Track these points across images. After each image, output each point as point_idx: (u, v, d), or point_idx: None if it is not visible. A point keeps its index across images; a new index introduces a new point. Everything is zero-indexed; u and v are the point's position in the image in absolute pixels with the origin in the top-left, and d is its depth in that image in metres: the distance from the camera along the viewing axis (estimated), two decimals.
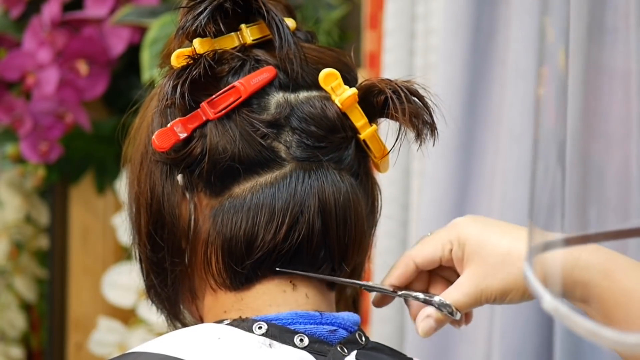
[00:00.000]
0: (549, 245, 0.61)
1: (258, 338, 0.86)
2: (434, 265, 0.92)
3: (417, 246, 0.93)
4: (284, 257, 0.89)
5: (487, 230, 0.91)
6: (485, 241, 0.89)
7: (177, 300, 0.96)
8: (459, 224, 0.92)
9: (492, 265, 0.89)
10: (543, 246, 0.61)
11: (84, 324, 1.99)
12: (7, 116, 1.88)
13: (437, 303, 0.90)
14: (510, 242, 0.89)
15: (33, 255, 2.14)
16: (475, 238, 0.90)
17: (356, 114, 0.92)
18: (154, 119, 0.93)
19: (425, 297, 0.91)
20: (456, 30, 1.38)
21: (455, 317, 0.90)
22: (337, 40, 1.73)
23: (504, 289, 0.89)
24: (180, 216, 0.91)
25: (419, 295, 0.92)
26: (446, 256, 0.91)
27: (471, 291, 0.89)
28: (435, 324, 0.90)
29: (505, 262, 0.88)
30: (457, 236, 0.90)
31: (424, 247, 0.92)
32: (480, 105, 1.39)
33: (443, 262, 0.92)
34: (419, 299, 0.92)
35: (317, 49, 0.95)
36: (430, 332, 0.91)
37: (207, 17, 0.89)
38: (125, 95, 1.89)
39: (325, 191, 0.89)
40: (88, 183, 2.01)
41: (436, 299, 0.90)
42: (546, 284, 0.60)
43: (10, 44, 1.93)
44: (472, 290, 0.89)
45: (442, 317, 0.90)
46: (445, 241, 0.91)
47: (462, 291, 0.90)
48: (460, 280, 0.90)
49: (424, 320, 0.91)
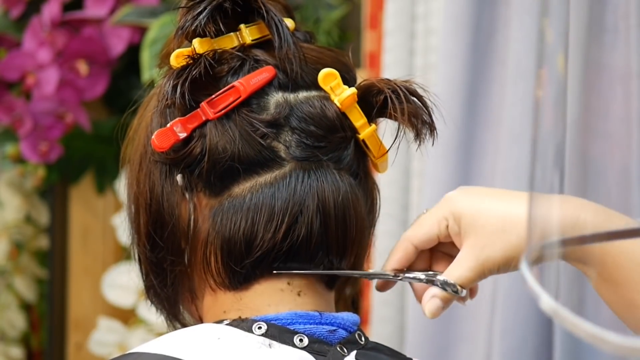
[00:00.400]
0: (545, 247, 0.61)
1: (258, 338, 0.86)
2: (432, 243, 0.91)
3: (413, 227, 0.92)
4: (283, 257, 0.89)
5: (480, 200, 0.89)
6: (479, 212, 0.88)
7: (176, 300, 0.96)
8: (452, 198, 0.90)
9: (489, 235, 0.87)
10: (540, 248, 0.61)
11: (84, 324, 1.99)
12: (7, 116, 1.88)
13: (440, 282, 0.89)
14: (505, 208, 0.88)
15: (33, 255, 2.14)
16: (469, 210, 0.88)
17: (355, 113, 0.92)
18: (153, 119, 0.93)
19: (428, 278, 0.90)
20: (456, 30, 1.38)
21: (461, 294, 0.89)
22: (337, 40, 1.73)
23: (506, 257, 0.87)
24: (179, 216, 0.91)
25: (421, 276, 0.91)
26: (443, 233, 0.90)
27: (472, 265, 0.88)
28: (441, 303, 0.89)
29: (502, 229, 0.87)
30: (451, 211, 0.89)
31: (419, 227, 0.91)
32: (480, 105, 1.39)
33: (441, 239, 0.91)
34: (422, 280, 0.91)
35: (316, 49, 0.95)
36: (438, 312, 0.90)
37: (206, 17, 0.89)
38: (125, 95, 1.89)
39: (324, 191, 0.89)
40: (88, 183, 2.01)
41: (439, 278, 0.89)
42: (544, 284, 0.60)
43: (10, 44, 1.93)
44: (474, 264, 0.88)
45: (447, 296, 0.89)
46: (440, 218, 0.90)
47: (463, 266, 0.88)
48: (460, 255, 0.89)
49: (430, 301, 0.89)
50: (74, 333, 2.03)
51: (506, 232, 0.87)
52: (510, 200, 0.89)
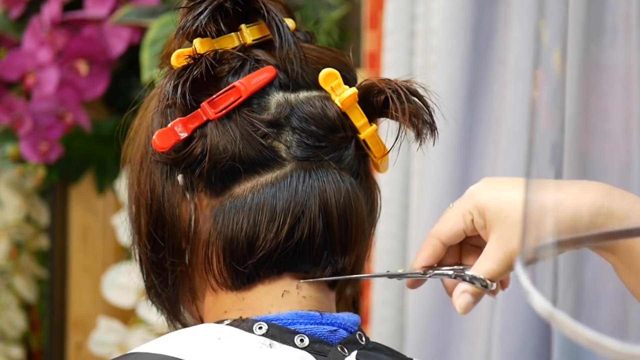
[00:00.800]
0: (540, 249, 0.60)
1: (258, 338, 0.86)
2: (460, 238, 0.91)
3: (439, 223, 0.92)
4: (286, 257, 0.89)
5: (503, 191, 0.89)
6: (502, 203, 0.87)
7: (177, 300, 0.96)
8: (475, 191, 0.90)
9: (514, 226, 0.86)
10: (535, 250, 0.60)
11: (84, 324, 1.99)
12: (7, 116, 1.88)
13: (469, 277, 0.88)
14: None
15: (33, 255, 2.14)
16: (492, 202, 0.88)
17: (356, 113, 0.92)
18: (154, 119, 0.93)
19: (456, 273, 0.90)
20: (456, 30, 1.38)
21: (491, 288, 0.88)
22: (337, 40, 1.73)
23: None
24: (180, 216, 0.91)
25: (449, 272, 0.90)
26: (469, 227, 0.90)
27: (500, 257, 0.87)
28: (472, 298, 0.88)
29: None
30: (475, 204, 0.89)
31: (445, 223, 0.91)
32: (480, 105, 1.39)
33: (468, 233, 0.90)
34: (450, 276, 0.90)
35: (317, 49, 0.95)
36: (470, 308, 0.89)
37: (207, 17, 0.89)
38: (125, 95, 1.89)
39: (326, 191, 0.89)
40: (88, 183, 2.01)
41: (468, 273, 0.88)
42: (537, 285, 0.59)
43: (10, 44, 1.93)
44: (501, 256, 0.87)
45: (478, 291, 0.88)
46: (465, 212, 0.90)
47: (491, 259, 0.87)
48: (487, 248, 0.88)
49: (461, 297, 0.89)
50: (74, 333, 2.03)
51: None
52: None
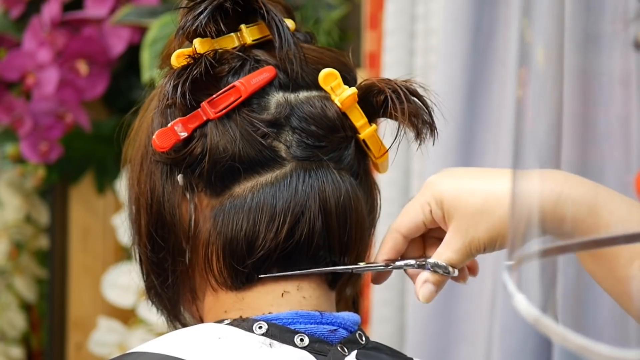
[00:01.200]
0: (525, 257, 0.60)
1: (258, 338, 0.86)
2: (420, 230, 0.92)
3: (399, 216, 0.92)
4: (285, 257, 0.89)
5: (460, 181, 0.89)
6: (460, 193, 0.88)
7: (177, 301, 0.96)
8: (432, 182, 0.91)
9: (472, 216, 0.87)
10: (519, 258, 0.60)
11: (84, 324, 1.99)
12: (7, 116, 1.88)
13: (431, 265, 0.89)
14: (486, 187, 0.88)
15: (33, 255, 2.14)
16: (449, 193, 0.89)
17: (356, 113, 0.92)
18: (154, 119, 0.93)
19: (419, 263, 0.91)
20: (456, 30, 1.38)
21: (453, 275, 0.89)
22: (337, 40, 1.73)
23: (490, 238, 0.88)
24: (180, 216, 0.91)
25: (411, 262, 0.91)
26: (428, 218, 0.90)
27: (459, 247, 0.88)
28: (434, 287, 0.90)
29: (484, 210, 0.87)
30: (433, 195, 0.89)
31: (404, 216, 0.92)
32: (480, 105, 1.39)
33: (427, 225, 0.91)
34: (413, 266, 0.91)
35: (317, 49, 0.95)
36: (431, 297, 0.90)
37: (207, 17, 0.89)
38: (125, 95, 1.89)
39: (325, 190, 0.89)
40: (88, 183, 2.01)
41: (430, 261, 0.89)
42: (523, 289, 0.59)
43: (10, 44, 1.93)
44: (460, 245, 0.88)
45: (439, 279, 0.89)
46: (423, 203, 0.90)
47: (450, 249, 0.89)
48: (446, 238, 0.89)
49: (423, 286, 0.90)
50: (74, 333, 2.03)
51: (488, 213, 0.87)
52: (491, 178, 0.89)
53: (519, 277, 0.59)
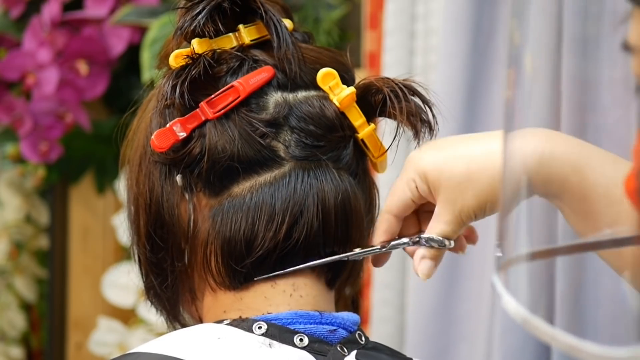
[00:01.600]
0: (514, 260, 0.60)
1: (258, 338, 0.86)
2: (410, 208, 0.91)
3: (388, 197, 0.92)
4: (284, 257, 0.89)
5: (440, 152, 0.89)
6: (442, 164, 0.88)
7: (176, 301, 0.96)
8: (413, 158, 0.90)
9: (457, 185, 0.87)
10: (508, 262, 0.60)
11: (84, 324, 1.99)
12: (7, 116, 1.88)
13: (425, 240, 0.89)
14: (466, 153, 0.88)
15: (33, 255, 2.14)
16: (432, 165, 0.88)
17: (354, 113, 0.92)
18: (153, 119, 0.93)
19: (413, 240, 0.91)
20: (456, 30, 1.38)
21: (449, 246, 0.89)
22: (337, 40, 1.73)
23: (479, 203, 0.87)
24: (179, 216, 0.91)
25: (405, 240, 0.91)
26: (415, 194, 0.90)
27: (449, 218, 0.88)
28: (431, 262, 0.90)
29: (469, 177, 0.87)
30: (415, 171, 0.89)
31: (392, 196, 0.91)
32: (480, 105, 1.39)
33: (417, 201, 0.91)
34: (408, 244, 0.91)
35: (315, 49, 0.95)
36: (430, 272, 0.90)
37: (205, 17, 0.89)
38: (125, 95, 1.89)
39: (324, 190, 0.89)
40: (88, 183, 2.01)
41: (423, 236, 0.89)
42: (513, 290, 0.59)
43: (10, 44, 1.93)
44: (450, 217, 0.88)
45: (435, 253, 0.89)
46: (408, 181, 0.90)
47: (441, 221, 0.88)
48: (436, 211, 0.89)
49: (421, 263, 0.90)
50: (74, 333, 2.03)
51: (473, 179, 0.87)
52: (471, 143, 0.89)
53: (507, 278, 0.59)
